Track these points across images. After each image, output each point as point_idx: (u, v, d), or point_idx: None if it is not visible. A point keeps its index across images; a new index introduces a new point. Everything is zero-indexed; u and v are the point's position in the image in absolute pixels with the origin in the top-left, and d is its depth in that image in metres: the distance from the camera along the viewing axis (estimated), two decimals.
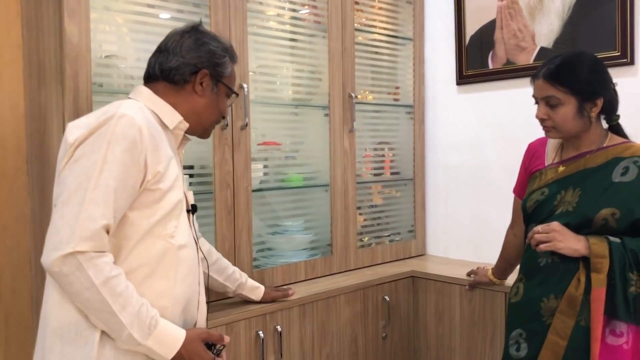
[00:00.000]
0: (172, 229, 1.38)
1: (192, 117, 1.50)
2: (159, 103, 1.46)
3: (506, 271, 2.16)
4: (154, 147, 1.34)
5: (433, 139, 2.89)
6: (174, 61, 1.47)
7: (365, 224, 2.73)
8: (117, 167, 1.27)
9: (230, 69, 1.55)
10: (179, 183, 1.42)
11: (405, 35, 2.84)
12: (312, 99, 2.51)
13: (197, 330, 1.40)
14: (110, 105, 1.38)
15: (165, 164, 1.37)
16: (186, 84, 1.48)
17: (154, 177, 1.34)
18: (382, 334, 2.42)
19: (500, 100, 2.62)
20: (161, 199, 1.35)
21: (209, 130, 1.58)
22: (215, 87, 1.52)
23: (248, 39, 2.15)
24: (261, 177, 2.32)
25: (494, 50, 2.64)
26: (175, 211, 1.39)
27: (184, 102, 1.48)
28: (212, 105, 1.52)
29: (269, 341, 2.02)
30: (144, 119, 1.35)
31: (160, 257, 1.36)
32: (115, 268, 1.27)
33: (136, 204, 1.33)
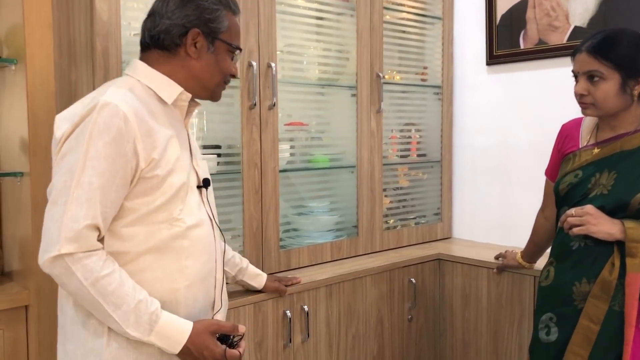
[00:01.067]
0: (178, 212, 1.30)
1: (192, 83, 1.39)
2: (155, 77, 1.36)
3: (536, 255, 2.13)
4: (145, 133, 1.26)
5: (461, 121, 2.85)
6: (161, 24, 1.35)
7: (391, 206, 2.71)
8: (101, 162, 1.20)
9: (229, 21, 1.40)
10: (182, 163, 1.34)
11: (434, 14, 2.78)
12: (339, 79, 2.48)
13: (205, 322, 1.32)
14: (98, 90, 1.31)
15: (161, 148, 1.28)
16: (178, 47, 1.36)
17: (148, 164, 1.26)
18: (408, 316, 2.42)
19: (532, 81, 2.57)
20: (160, 184, 1.28)
21: (216, 92, 1.45)
22: (211, 45, 1.37)
23: (276, 17, 2.13)
24: (288, 158, 2.31)
25: (525, 29, 2.58)
26: (180, 193, 1.31)
27: (180, 68, 1.37)
28: (211, 67, 1.39)
29: (296, 320, 2.03)
30: (130, 103, 1.25)
31: (169, 241, 1.29)
32: (107, 265, 1.22)
33: (134, 193, 1.26)
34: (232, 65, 1.44)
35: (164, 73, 1.36)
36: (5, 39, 1.89)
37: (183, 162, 1.34)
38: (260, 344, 1.93)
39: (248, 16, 2.04)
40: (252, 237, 2.09)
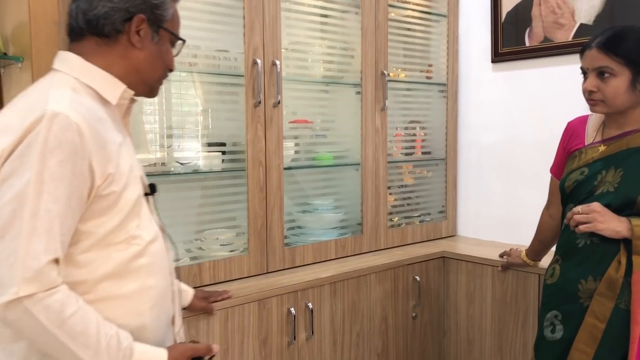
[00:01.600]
0: (134, 229, 1.17)
1: (132, 77, 1.23)
2: (94, 73, 1.19)
3: (541, 253, 2.12)
4: (100, 145, 1.10)
5: (466, 118, 2.84)
6: (100, 7, 1.17)
7: (396, 203, 2.70)
8: (57, 185, 1.04)
9: (172, 9, 1.27)
10: (135, 173, 1.20)
11: (439, 12, 2.78)
12: (343, 77, 2.48)
13: (180, 347, 1.23)
14: (34, 94, 1.13)
15: (115, 160, 1.14)
16: (119, 35, 1.19)
17: (104, 181, 1.11)
18: (412, 314, 2.41)
19: (537, 79, 2.56)
20: (117, 201, 1.14)
21: (155, 88, 1.31)
22: (155, 34, 1.23)
23: (281, 15, 2.13)
24: (292, 155, 2.31)
25: (531, 27, 2.57)
26: (136, 208, 1.18)
27: (120, 59, 1.21)
28: (154, 57, 1.24)
29: (300, 318, 2.03)
30: (81, 112, 1.08)
31: (128, 262, 1.16)
32: (72, 303, 1.06)
33: (87, 214, 1.11)
34: (172, 56, 1.30)
35: (101, 66, 1.20)
36: (11, 37, 1.89)
37: (135, 171, 1.21)
38: (264, 341, 1.93)
39: (253, 14, 2.04)
40: (257, 234, 2.10)
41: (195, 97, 2.15)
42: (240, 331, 1.87)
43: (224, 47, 2.10)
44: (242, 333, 1.87)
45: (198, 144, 2.10)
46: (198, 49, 2.04)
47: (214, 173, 2.07)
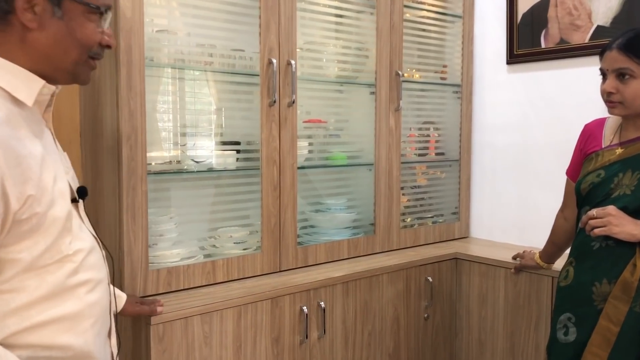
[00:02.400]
0: (67, 247, 1.04)
1: (42, 65, 1.03)
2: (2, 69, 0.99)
3: (554, 255, 2.11)
4: (14, 164, 0.94)
5: (480, 119, 2.83)
6: None
7: (409, 204, 2.70)
8: None
9: None
10: (60, 185, 1.04)
11: (455, 13, 2.77)
12: (358, 77, 2.49)
13: None
14: None
15: (36, 178, 0.98)
16: (9, 15, 0.98)
17: (23, 204, 0.96)
18: (424, 315, 2.41)
19: (552, 81, 2.55)
20: (41, 222, 0.99)
21: (79, 72, 1.08)
22: (57, 8, 1.00)
23: (297, 15, 2.14)
24: (306, 155, 2.32)
25: (547, 28, 2.55)
26: (67, 224, 1.04)
27: (20, 45, 1.00)
28: (61, 38, 1.02)
29: (313, 317, 2.04)
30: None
31: (64, 282, 1.04)
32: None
33: (7, 240, 0.96)
34: (99, 31, 1.07)
35: (1, 56, 1.00)
36: None
37: (60, 182, 1.04)
38: (277, 340, 1.94)
39: (269, 14, 2.05)
40: (270, 233, 2.11)
41: (209, 96, 2.16)
42: (253, 329, 1.88)
43: (239, 47, 2.11)
44: (255, 331, 1.88)
45: (212, 143, 2.11)
46: (214, 48, 2.05)
47: (228, 171, 2.09)
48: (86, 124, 1.94)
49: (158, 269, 1.84)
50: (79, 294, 1.08)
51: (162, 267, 1.86)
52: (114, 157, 1.77)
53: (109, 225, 1.83)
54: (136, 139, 1.76)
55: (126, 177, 1.75)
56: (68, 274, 1.05)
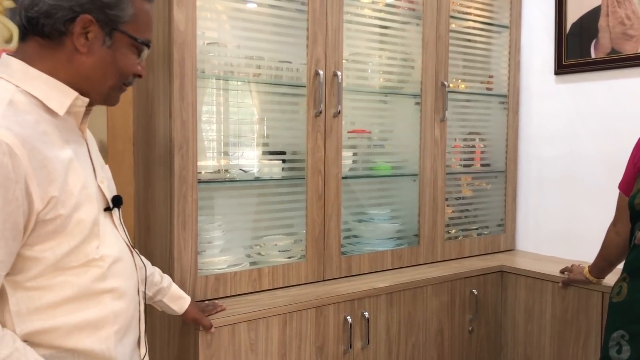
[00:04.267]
0: (94, 251, 1.08)
1: (82, 84, 1.09)
2: (39, 80, 1.05)
3: (605, 270, 2.06)
4: (39, 164, 0.99)
5: (527, 131, 2.79)
6: (42, 4, 1.03)
7: (453, 215, 2.68)
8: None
9: (135, 9, 1.09)
10: (89, 190, 1.08)
11: (501, 23, 2.75)
12: (403, 87, 2.49)
13: None
14: None
15: (61, 180, 1.02)
16: (63, 36, 1.05)
17: (46, 204, 1.00)
18: (469, 328, 2.38)
19: (603, 91, 2.49)
20: (65, 225, 1.03)
21: (111, 96, 1.16)
22: (107, 38, 1.08)
23: (343, 26, 2.16)
24: (350, 165, 2.33)
25: (597, 38, 2.51)
26: (94, 229, 1.08)
27: (66, 63, 1.07)
28: (105, 65, 1.09)
29: (357, 326, 2.04)
30: (16, 129, 0.97)
31: (89, 286, 1.08)
32: (6, 344, 0.97)
33: (32, 239, 1.01)
34: (137, 63, 1.15)
35: (46, 71, 1.06)
36: None
37: (90, 188, 1.09)
38: (321, 348, 1.95)
39: (316, 26, 2.08)
40: (314, 242, 2.12)
41: (251, 106, 2.20)
42: (297, 337, 1.89)
43: (286, 58, 2.14)
44: (300, 339, 1.90)
45: (257, 152, 2.15)
46: (262, 60, 2.09)
47: (274, 181, 2.12)
48: (139, 134, 2.01)
49: (206, 275, 1.88)
50: (105, 300, 1.10)
51: (210, 273, 1.90)
52: (166, 165, 1.82)
53: (159, 231, 1.88)
54: (187, 149, 1.81)
55: (177, 185, 1.80)
56: (94, 279, 1.08)
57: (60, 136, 1.06)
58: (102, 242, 1.10)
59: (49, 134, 1.04)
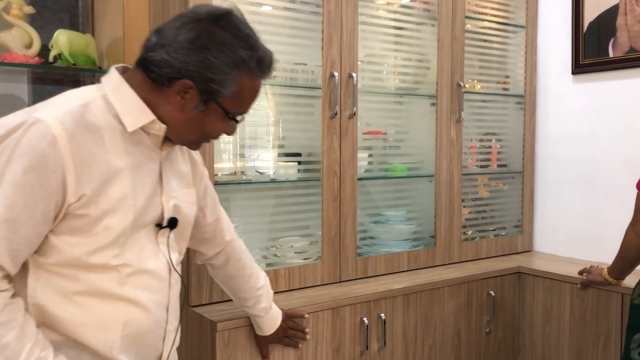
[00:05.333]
0: (111, 259, 1.11)
1: (166, 123, 1.15)
2: (126, 96, 1.12)
3: (624, 271, 2.04)
4: (81, 161, 1.04)
5: (544, 131, 2.77)
6: (159, 53, 1.09)
7: (470, 217, 2.67)
8: (16, 192, 1.01)
9: (239, 87, 1.12)
10: (130, 202, 1.11)
11: (517, 23, 2.73)
12: (418, 88, 2.49)
13: None
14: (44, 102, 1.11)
15: (98, 183, 1.07)
16: (164, 87, 1.12)
17: (78, 199, 1.05)
18: (486, 329, 2.37)
19: (621, 91, 2.47)
20: (92, 226, 1.07)
21: (190, 146, 1.24)
22: (202, 104, 1.13)
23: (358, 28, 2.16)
24: (366, 166, 2.34)
25: (615, 37, 2.48)
26: (120, 239, 1.11)
27: (161, 105, 1.13)
28: (192, 124, 1.15)
29: (373, 328, 2.04)
30: (68, 124, 1.04)
31: (104, 286, 1.11)
32: (8, 313, 1.03)
33: (61, 228, 1.07)
34: (222, 129, 1.19)
35: (142, 96, 1.13)
36: (106, 52, 2.03)
37: (135, 200, 1.12)
38: (337, 350, 1.95)
39: (331, 28, 2.09)
40: (330, 243, 2.13)
41: (267, 108, 2.21)
42: (314, 338, 1.90)
43: (302, 61, 2.15)
44: (316, 340, 1.90)
45: (273, 154, 2.16)
46: (277, 62, 2.09)
47: (290, 182, 2.13)
48: None
49: None
50: (118, 306, 1.13)
51: None
52: None
53: None
54: (204, 151, 1.82)
55: None
56: (110, 284, 1.12)
57: (122, 146, 1.11)
58: (126, 253, 1.13)
59: (107, 141, 1.09)
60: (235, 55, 1.10)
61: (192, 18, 1.11)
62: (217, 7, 1.15)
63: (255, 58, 1.13)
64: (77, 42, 1.91)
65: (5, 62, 1.80)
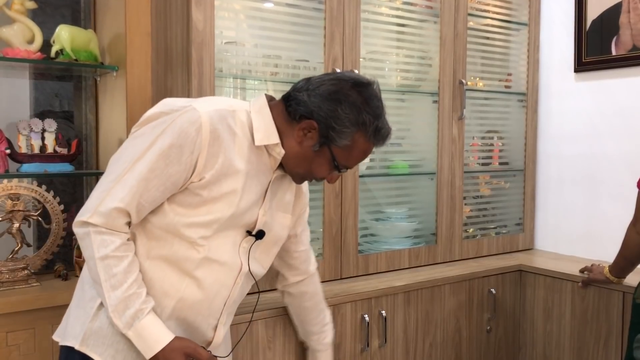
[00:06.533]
0: (199, 238, 1.29)
1: (286, 153, 1.36)
2: (263, 117, 1.34)
3: (625, 270, 2.04)
4: (213, 151, 1.26)
5: (546, 129, 2.77)
6: (300, 95, 1.32)
7: (471, 214, 2.67)
8: (159, 159, 1.23)
9: (352, 143, 1.31)
10: (234, 199, 1.30)
11: (520, 20, 2.73)
12: (420, 85, 2.48)
13: (185, 341, 1.28)
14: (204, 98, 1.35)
15: (217, 173, 1.27)
16: (294, 121, 1.33)
17: (199, 180, 1.26)
18: (487, 327, 2.37)
19: (624, 89, 2.46)
20: (200, 205, 1.28)
21: (295, 178, 1.42)
22: (318, 145, 1.32)
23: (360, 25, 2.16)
24: (367, 163, 2.33)
25: (618, 35, 2.47)
26: (213, 225, 1.30)
27: (287, 136, 1.34)
28: (304, 159, 1.35)
29: (374, 325, 2.04)
30: (215, 119, 1.26)
31: (180, 258, 1.30)
32: (122, 249, 1.24)
33: (175, 198, 1.28)
34: (326, 173, 1.38)
35: (276, 123, 1.34)
36: (108, 47, 2.02)
37: (239, 199, 1.31)
38: (338, 346, 1.95)
39: (334, 24, 2.08)
40: (332, 240, 2.13)
41: None
42: None
43: (304, 57, 2.15)
44: None
45: None
46: (279, 59, 2.10)
47: None
48: None
49: None
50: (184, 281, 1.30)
51: None
52: None
53: None
54: None
55: None
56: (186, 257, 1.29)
57: (246, 154, 1.32)
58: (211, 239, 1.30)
59: (237, 145, 1.30)
60: (359, 116, 1.29)
61: (338, 77, 1.33)
62: (361, 76, 1.37)
63: (375, 126, 1.31)
64: (79, 38, 1.91)
65: (7, 57, 1.80)
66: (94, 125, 2.13)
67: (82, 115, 2.14)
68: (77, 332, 1.30)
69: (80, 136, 2.12)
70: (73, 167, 1.94)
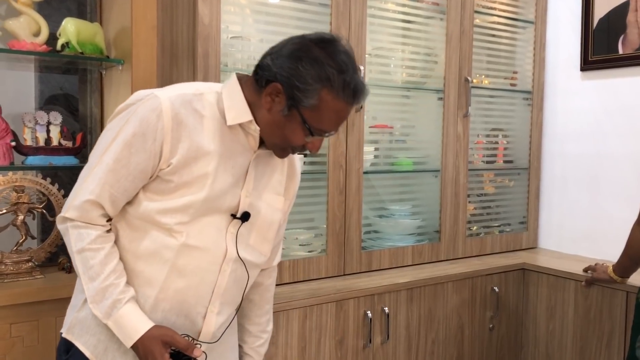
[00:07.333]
0: (176, 224, 1.26)
1: (260, 126, 1.30)
2: (234, 96, 1.29)
3: (629, 269, 2.03)
4: (176, 137, 1.23)
5: (551, 127, 2.76)
6: (266, 59, 1.27)
7: (475, 212, 2.66)
8: (122, 149, 1.23)
9: (320, 102, 1.21)
10: (208, 182, 1.26)
11: (526, 18, 2.72)
12: (426, 82, 2.48)
13: (163, 329, 1.26)
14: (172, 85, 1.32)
15: (186, 157, 1.24)
16: (262, 89, 1.26)
17: (167, 167, 1.24)
18: (489, 325, 2.37)
19: (630, 88, 2.45)
20: (173, 191, 1.26)
21: (275, 151, 1.33)
22: (286, 109, 1.24)
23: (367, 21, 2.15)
24: (372, 160, 2.33)
25: (625, 34, 2.46)
26: (189, 210, 1.26)
27: (258, 107, 1.28)
28: (276, 126, 1.27)
29: (377, 321, 2.04)
30: (176, 105, 1.23)
31: (159, 246, 1.27)
32: (98, 241, 1.25)
33: (149, 186, 1.27)
34: (301, 139, 1.28)
35: (247, 97, 1.29)
36: (113, 41, 2.02)
37: (212, 181, 1.27)
38: (340, 342, 1.96)
39: (340, 20, 2.08)
40: (335, 236, 2.13)
41: None
42: (317, 330, 1.90)
43: None
44: (320, 332, 1.91)
45: None
46: None
47: None
48: None
49: None
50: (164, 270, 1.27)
51: None
52: None
53: None
54: None
55: None
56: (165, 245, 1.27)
57: (218, 135, 1.27)
58: (189, 225, 1.27)
59: (205, 127, 1.26)
60: (322, 71, 1.20)
61: (301, 36, 1.27)
62: (327, 33, 1.29)
63: (341, 80, 1.21)
64: (85, 31, 1.91)
65: (13, 49, 1.80)
66: (99, 119, 2.13)
67: (87, 109, 2.14)
68: (67, 321, 1.34)
69: (85, 129, 2.12)
70: (78, 160, 1.94)
